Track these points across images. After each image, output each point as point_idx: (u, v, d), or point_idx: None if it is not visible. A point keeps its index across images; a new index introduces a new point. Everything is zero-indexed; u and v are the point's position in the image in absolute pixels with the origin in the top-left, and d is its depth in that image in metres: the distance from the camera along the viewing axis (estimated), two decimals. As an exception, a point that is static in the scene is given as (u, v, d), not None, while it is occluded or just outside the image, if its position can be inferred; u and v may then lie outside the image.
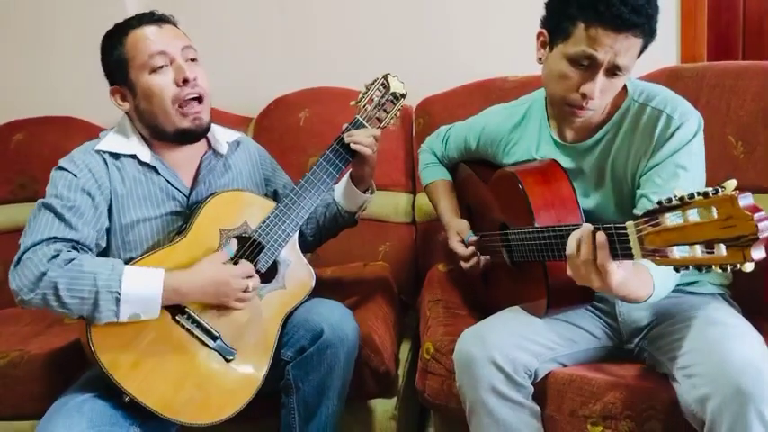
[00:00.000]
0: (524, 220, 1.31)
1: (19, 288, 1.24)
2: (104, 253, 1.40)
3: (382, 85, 1.52)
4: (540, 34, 1.31)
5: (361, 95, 1.51)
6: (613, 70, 1.21)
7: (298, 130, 2.16)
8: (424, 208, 2.09)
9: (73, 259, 1.25)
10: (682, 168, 1.24)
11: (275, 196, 1.61)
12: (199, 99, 1.39)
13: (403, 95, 1.52)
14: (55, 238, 1.28)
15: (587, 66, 1.21)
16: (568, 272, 1.07)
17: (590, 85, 1.22)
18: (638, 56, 1.24)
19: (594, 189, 1.38)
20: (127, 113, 1.44)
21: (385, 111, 1.52)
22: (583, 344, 1.37)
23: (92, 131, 2.12)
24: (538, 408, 1.29)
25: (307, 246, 1.59)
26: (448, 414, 1.46)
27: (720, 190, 0.81)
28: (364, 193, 1.58)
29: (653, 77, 1.86)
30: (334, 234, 1.67)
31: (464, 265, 1.52)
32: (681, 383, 1.19)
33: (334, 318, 1.40)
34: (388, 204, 2.12)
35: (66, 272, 1.23)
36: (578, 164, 1.38)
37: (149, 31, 1.38)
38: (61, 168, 1.37)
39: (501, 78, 2.10)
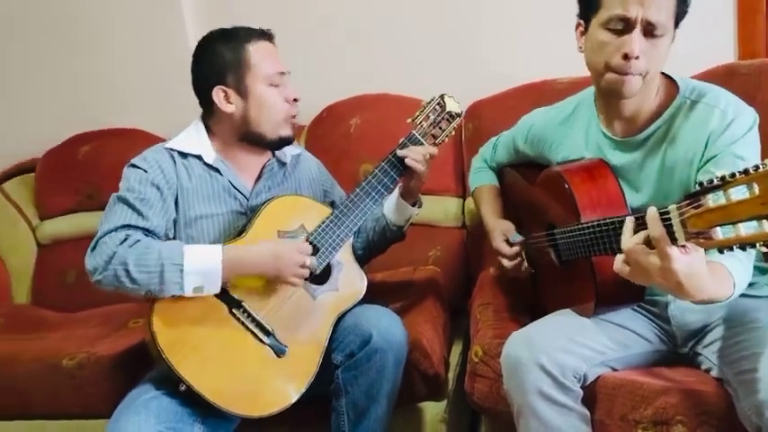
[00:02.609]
0: (571, 219, 1.30)
1: (94, 268, 1.33)
2: None
3: (438, 104, 1.55)
4: (577, 25, 1.35)
5: (417, 113, 1.55)
6: (650, 30, 1.22)
7: (348, 138, 2.19)
8: (474, 212, 2.08)
9: (139, 240, 1.35)
10: (740, 159, 1.21)
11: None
12: (295, 115, 1.54)
13: (458, 115, 1.56)
14: (128, 225, 1.38)
15: (623, 29, 1.22)
16: (619, 267, 1.05)
17: (629, 43, 1.22)
18: (677, 21, 1.24)
19: (644, 184, 1.35)
20: (208, 115, 1.52)
21: (440, 128, 1.56)
22: (635, 348, 1.34)
23: (152, 142, 2.20)
24: (587, 412, 1.27)
25: (357, 260, 1.63)
26: (498, 417, 1.45)
27: (762, 166, 0.79)
28: (412, 206, 1.61)
29: (710, 74, 1.82)
30: (383, 249, 1.70)
31: (506, 263, 1.52)
32: (737, 388, 1.16)
33: (383, 323, 1.42)
34: (438, 209, 2.12)
35: (134, 250, 1.32)
36: (628, 158, 1.36)
37: (269, 46, 1.51)
38: (133, 165, 1.48)
39: (551, 80, 2.08)
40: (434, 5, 2.29)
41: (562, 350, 1.26)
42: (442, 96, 1.56)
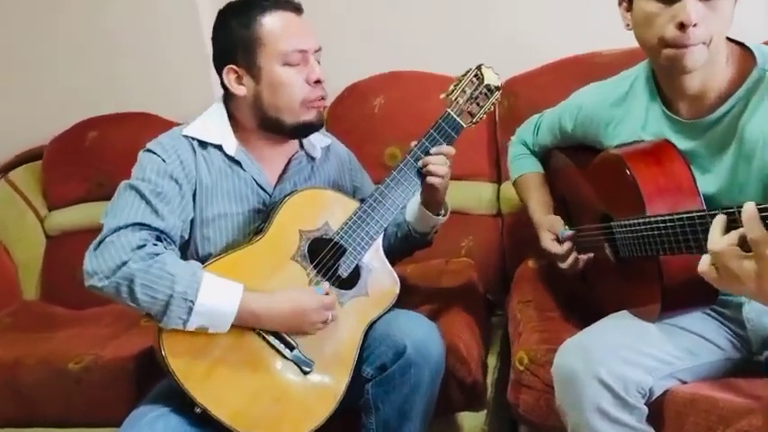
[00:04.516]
0: (633, 209, 1.14)
1: (94, 271, 1.17)
2: (185, 245, 1.34)
3: (475, 76, 1.37)
4: (620, 1, 1.19)
5: (452, 87, 1.37)
6: None
7: (372, 119, 2.04)
8: (510, 199, 1.92)
9: (157, 254, 1.18)
10: None
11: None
12: (322, 98, 1.35)
13: (498, 88, 1.38)
14: (141, 224, 1.21)
15: None
16: (705, 270, 0.89)
17: (683, 10, 1.06)
18: None
19: (715, 172, 1.18)
20: (228, 97, 1.36)
21: (478, 104, 1.38)
22: (705, 356, 1.17)
23: (165, 127, 2.06)
24: (653, 432, 1.12)
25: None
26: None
27: None
28: (436, 215, 1.44)
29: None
30: (409, 253, 1.55)
31: (561, 265, 1.36)
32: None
33: (419, 334, 1.27)
34: (471, 195, 1.97)
35: (148, 267, 1.16)
36: (696, 143, 1.19)
37: (290, 18, 1.31)
38: (150, 151, 1.31)
39: (593, 53, 1.91)
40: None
41: (624, 361, 1.10)
42: (479, 67, 1.38)
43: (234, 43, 1.30)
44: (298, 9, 1.34)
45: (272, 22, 1.29)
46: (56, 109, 2.35)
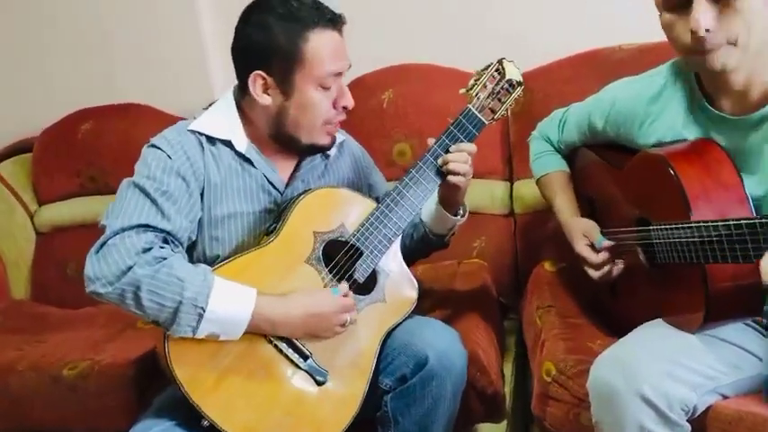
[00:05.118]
0: (675, 213, 1.07)
1: (96, 277, 1.08)
2: (192, 245, 1.26)
3: (497, 70, 1.30)
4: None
5: (472, 82, 1.29)
6: None
7: (381, 114, 1.95)
8: (523, 198, 1.87)
9: (164, 258, 1.11)
10: None
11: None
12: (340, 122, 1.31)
13: (520, 83, 1.31)
14: (147, 225, 1.13)
15: (684, 2, 1.05)
16: None
17: (692, 20, 1.03)
18: None
19: (761, 173, 1.11)
20: (242, 93, 1.27)
21: (499, 100, 1.30)
22: (748, 370, 1.11)
23: (162, 120, 2.01)
24: (697, 451, 1.05)
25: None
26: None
27: None
28: (455, 216, 1.37)
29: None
30: (425, 255, 1.48)
31: (594, 274, 1.29)
32: None
33: (441, 344, 1.19)
34: (483, 194, 1.89)
35: (155, 272, 1.08)
36: (738, 141, 1.13)
37: (334, 39, 1.23)
38: (154, 147, 1.22)
39: (612, 47, 1.84)
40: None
41: (667, 376, 1.03)
42: (500, 62, 1.31)
43: (271, 50, 1.20)
44: (342, 28, 1.25)
45: (318, 43, 1.20)
46: (48, 100, 2.27)
